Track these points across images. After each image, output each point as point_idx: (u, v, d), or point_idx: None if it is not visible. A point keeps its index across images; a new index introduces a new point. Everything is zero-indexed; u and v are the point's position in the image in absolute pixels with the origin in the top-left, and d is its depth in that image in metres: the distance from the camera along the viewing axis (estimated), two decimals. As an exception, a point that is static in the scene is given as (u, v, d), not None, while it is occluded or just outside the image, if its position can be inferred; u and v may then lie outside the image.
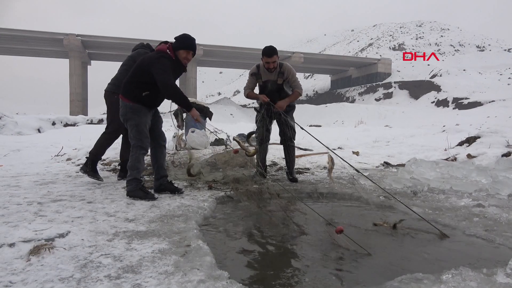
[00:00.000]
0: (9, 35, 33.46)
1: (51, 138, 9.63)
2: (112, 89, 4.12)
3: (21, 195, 3.31)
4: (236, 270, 1.87)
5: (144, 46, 4.32)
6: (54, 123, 14.18)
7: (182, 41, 3.33)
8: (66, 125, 14.44)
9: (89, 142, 8.04)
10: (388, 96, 38.80)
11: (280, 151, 4.71)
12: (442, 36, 64.40)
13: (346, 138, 9.26)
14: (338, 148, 7.69)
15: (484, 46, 59.09)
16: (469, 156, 5.45)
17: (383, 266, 1.96)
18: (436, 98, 34.03)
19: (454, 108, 30.86)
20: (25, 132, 12.39)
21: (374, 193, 3.66)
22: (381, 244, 2.31)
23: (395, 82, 40.03)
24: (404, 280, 1.59)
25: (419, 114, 27.90)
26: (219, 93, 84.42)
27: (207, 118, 8.03)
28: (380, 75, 43.71)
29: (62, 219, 2.52)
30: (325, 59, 45.89)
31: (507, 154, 5.10)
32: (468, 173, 4.15)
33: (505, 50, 51.11)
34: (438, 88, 35.04)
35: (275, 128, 4.56)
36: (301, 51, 45.00)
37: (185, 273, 1.65)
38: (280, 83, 4.26)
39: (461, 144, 6.42)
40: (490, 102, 28.49)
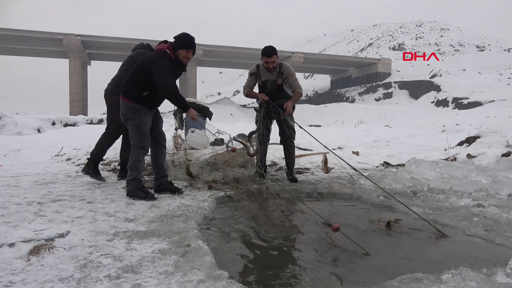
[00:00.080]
0: (9, 35, 33.45)
1: (51, 138, 9.63)
2: (112, 89, 4.11)
3: (21, 195, 3.31)
4: (236, 270, 1.87)
5: (144, 46, 4.32)
6: (54, 123, 14.17)
7: (182, 41, 3.34)
8: (66, 125, 14.43)
9: (89, 142, 8.04)
10: (388, 96, 38.81)
11: (280, 151, 4.71)
12: (442, 36, 64.43)
13: (346, 138, 9.27)
14: (338, 148, 7.69)
15: (484, 46, 59.12)
16: (469, 156, 5.45)
17: (383, 266, 1.96)
18: (436, 98, 34.03)
19: (454, 108, 30.87)
20: (25, 132, 12.37)
21: (374, 193, 3.66)
22: (381, 244, 2.31)
23: (395, 82, 40.04)
24: (404, 280, 1.59)
25: (419, 114, 27.90)
26: (219, 93, 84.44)
27: (207, 118, 8.03)
28: (380, 75, 43.72)
29: (62, 219, 2.52)
30: (325, 59, 45.90)
31: (507, 154, 5.10)
32: (468, 173, 4.16)
33: (505, 50, 51.10)
34: (438, 88, 35.05)
35: (275, 128, 4.56)
36: (301, 51, 45.01)
37: (185, 273, 1.65)
38: (279, 83, 4.27)
39: (461, 144, 6.42)
40: (490, 102, 28.49)
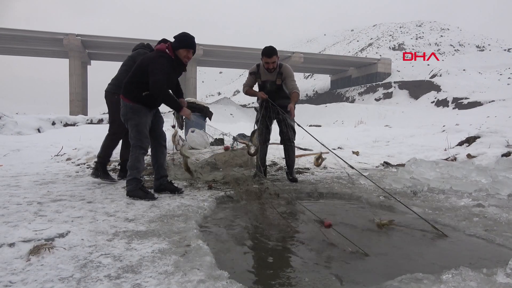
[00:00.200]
0: (9, 35, 33.44)
1: (51, 138, 9.63)
2: (112, 90, 4.12)
3: (21, 195, 3.31)
4: (236, 270, 1.87)
5: (144, 46, 4.32)
6: (54, 123, 14.17)
7: (182, 40, 3.33)
8: (66, 125, 14.43)
9: (89, 142, 8.05)
10: (388, 96, 38.81)
11: (280, 151, 4.71)
12: (442, 36, 64.43)
13: (346, 138, 9.27)
14: (338, 148, 7.69)
15: (484, 46, 59.12)
16: (469, 156, 5.45)
17: (383, 266, 1.95)
18: (436, 98, 34.04)
19: (454, 108, 30.88)
20: (25, 132, 12.38)
21: (374, 193, 3.66)
22: (381, 244, 2.31)
23: (395, 82, 40.04)
24: (404, 280, 1.59)
25: (419, 114, 27.91)
26: (219, 93, 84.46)
27: (207, 118, 8.02)
28: (380, 75, 43.72)
29: (62, 219, 2.52)
30: (325, 59, 45.90)
31: (507, 154, 5.10)
32: (468, 173, 4.15)
33: (505, 50, 51.12)
34: (438, 88, 35.05)
35: (275, 128, 4.56)
36: (301, 51, 45.01)
37: (185, 273, 1.65)
38: (279, 84, 4.26)
39: (461, 144, 6.42)
40: (490, 102, 28.50)
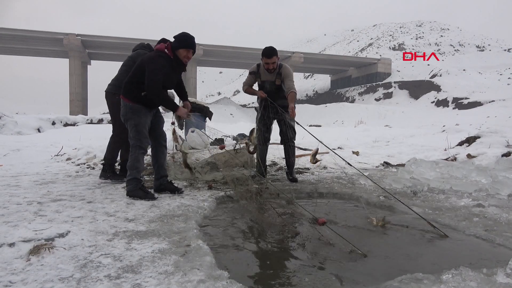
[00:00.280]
0: (9, 35, 33.44)
1: (51, 138, 9.63)
2: (112, 90, 4.12)
3: (21, 195, 3.31)
4: (236, 270, 1.87)
5: (144, 46, 4.31)
6: (54, 123, 14.16)
7: (182, 40, 3.32)
8: (66, 124, 14.42)
9: (89, 141, 8.04)
10: (388, 96, 38.81)
11: (280, 151, 4.71)
12: (442, 36, 64.42)
13: (346, 138, 9.27)
14: (338, 148, 7.69)
15: (484, 46, 59.10)
16: (469, 156, 5.45)
17: (383, 266, 1.95)
18: (436, 98, 34.04)
19: (454, 108, 30.88)
20: (25, 131, 12.37)
21: (374, 193, 3.66)
22: (380, 244, 2.31)
23: (395, 82, 40.04)
24: (404, 280, 1.59)
25: (419, 114, 27.91)
26: (219, 93, 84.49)
27: (207, 118, 8.02)
28: (380, 75, 43.72)
29: (62, 219, 2.52)
30: (325, 59, 45.88)
31: (507, 154, 5.10)
32: (468, 173, 4.15)
33: (505, 50, 51.12)
34: (438, 88, 35.05)
35: (275, 128, 4.56)
36: (301, 51, 44.98)
37: (185, 273, 1.65)
38: (278, 84, 4.26)
39: (461, 144, 6.42)
40: (490, 102, 28.51)
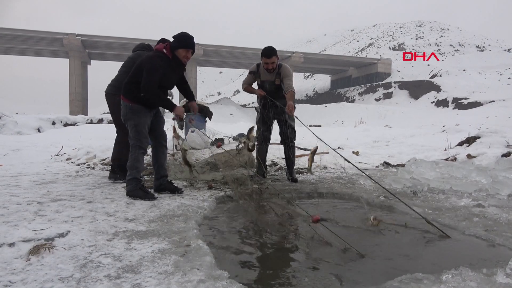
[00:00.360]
0: (9, 35, 33.45)
1: (51, 138, 9.63)
2: (112, 91, 4.12)
3: (20, 195, 3.31)
4: (236, 270, 1.87)
5: (145, 47, 4.30)
6: (54, 123, 14.16)
7: (181, 40, 3.31)
8: (66, 124, 14.43)
9: (89, 141, 8.05)
10: (388, 96, 38.81)
11: (280, 151, 4.71)
12: (442, 36, 64.42)
13: (346, 138, 9.27)
14: (338, 148, 7.69)
15: (484, 46, 59.11)
16: (469, 156, 5.45)
17: (383, 266, 1.95)
18: (436, 98, 34.04)
19: (454, 108, 30.88)
20: (25, 131, 12.37)
21: (374, 193, 3.66)
22: (380, 244, 2.31)
23: (395, 82, 40.05)
24: (404, 280, 1.59)
25: (419, 114, 27.92)
26: (219, 93, 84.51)
27: (207, 118, 8.02)
28: (380, 75, 43.72)
29: (62, 218, 2.51)
30: (325, 59, 45.90)
31: (507, 154, 5.10)
32: (468, 173, 4.15)
33: (505, 50, 51.13)
34: (438, 88, 35.06)
35: (275, 128, 4.56)
36: (301, 51, 45.00)
37: (185, 273, 1.65)
38: (278, 84, 4.26)
39: (461, 144, 6.42)
40: (490, 102, 28.52)
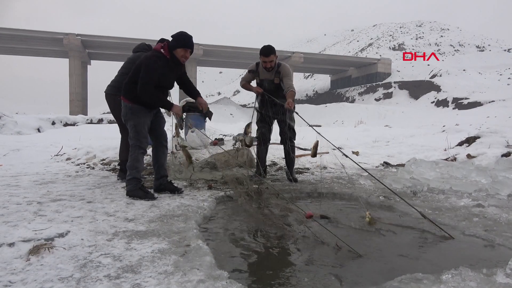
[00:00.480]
0: (9, 35, 33.42)
1: (51, 138, 9.63)
2: (112, 92, 4.12)
3: (20, 195, 3.31)
4: (236, 270, 1.87)
5: (145, 48, 4.28)
6: (53, 123, 14.16)
7: (179, 40, 3.30)
8: (66, 124, 14.43)
9: (89, 141, 8.04)
10: (388, 96, 38.80)
11: (280, 151, 4.71)
12: (442, 36, 64.41)
13: (346, 138, 9.26)
14: (338, 148, 7.68)
15: (484, 46, 59.10)
16: (468, 156, 5.45)
17: (383, 266, 1.95)
18: (436, 98, 34.03)
19: (454, 108, 30.87)
20: (24, 131, 12.37)
21: (374, 193, 3.66)
22: (380, 244, 2.31)
23: (395, 82, 40.04)
24: (404, 280, 1.59)
25: (419, 114, 27.91)
26: (219, 93, 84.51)
27: (207, 118, 8.02)
28: (380, 75, 43.71)
29: (62, 218, 2.51)
30: (325, 59, 45.87)
31: (506, 154, 5.10)
32: (468, 173, 4.15)
33: (505, 50, 51.11)
34: (438, 88, 35.04)
35: (275, 128, 4.56)
36: (301, 51, 44.97)
37: (185, 273, 1.65)
38: (277, 82, 4.26)
39: (461, 144, 6.42)
40: (490, 102, 28.50)
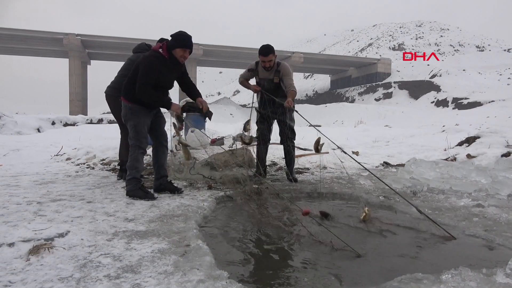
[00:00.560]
0: (9, 35, 33.40)
1: (50, 138, 9.63)
2: (112, 92, 4.13)
3: (20, 195, 3.31)
4: (235, 270, 1.87)
5: (145, 48, 4.27)
6: (53, 123, 14.17)
7: (179, 40, 3.29)
8: (66, 124, 14.44)
9: (89, 141, 8.04)
10: (388, 96, 38.80)
11: (280, 151, 4.71)
12: (442, 36, 64.41)
13: (346, 138, 9.26)
14: (338, 148, 7.68)
15: (483, 46, 59.11)
16: (468, 156, 5.45)
17: (383, 266, 1.95)
18: (435, 98, 34.03)
19: (453, 108, 30.86)
20: (24, 131, 12.38)
21: (374, 193, 3.66)
22: (380, 244, 2.31)
23: (394, 82, 40.03)
24: (403, 280, 1.59)
25: (418, 114, 27.90)
26: (219, 93, 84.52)
27: (207, 118, 8.01)
28: (380, 75, 43.70)
29: (62, 218, 2.51)
30: (325, 59, 45.86)
31: (506, 154, 5.10)
32: (468, 173, 4.15)
33: (505, 50, 51.10)
34: (437, 88, 35.04)
35: (275, 128, 4.56)
36: (301, 51, 44.96)
37: (185, 273, 1.65)
38: (276, 82, 4.26)
39: (460, 144, 6.43)
40: (489, 102, 28.49)
